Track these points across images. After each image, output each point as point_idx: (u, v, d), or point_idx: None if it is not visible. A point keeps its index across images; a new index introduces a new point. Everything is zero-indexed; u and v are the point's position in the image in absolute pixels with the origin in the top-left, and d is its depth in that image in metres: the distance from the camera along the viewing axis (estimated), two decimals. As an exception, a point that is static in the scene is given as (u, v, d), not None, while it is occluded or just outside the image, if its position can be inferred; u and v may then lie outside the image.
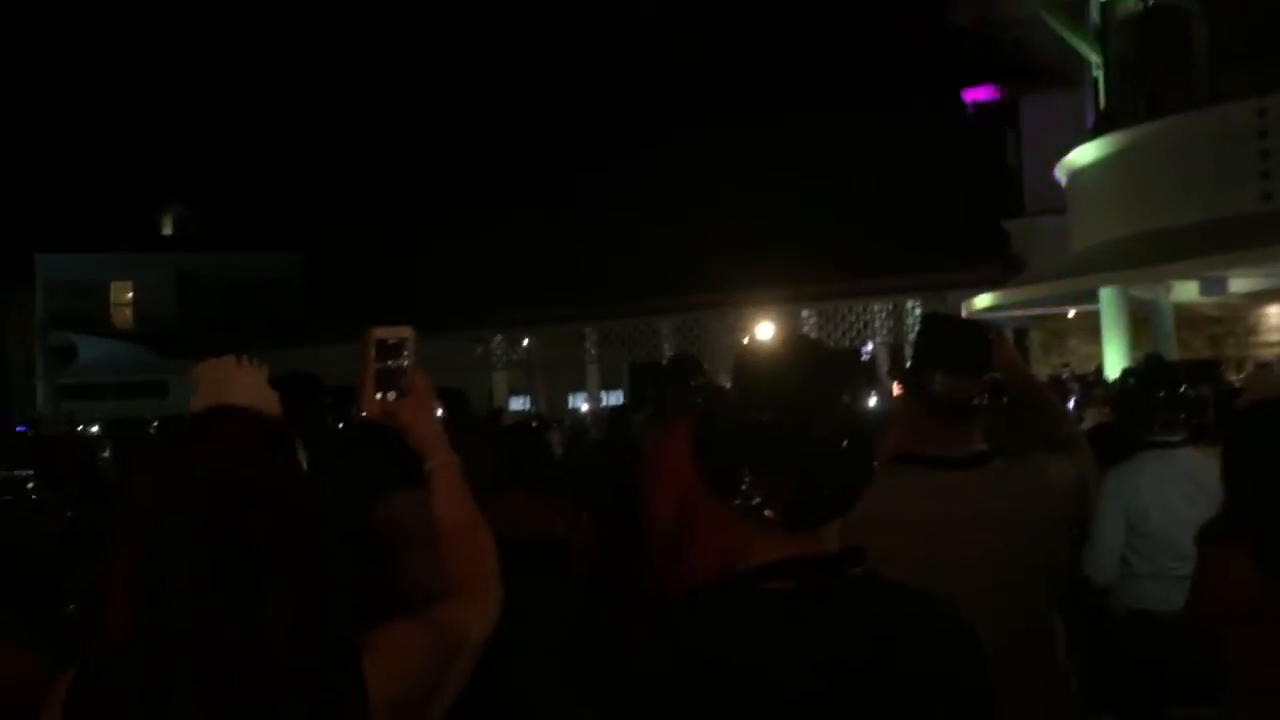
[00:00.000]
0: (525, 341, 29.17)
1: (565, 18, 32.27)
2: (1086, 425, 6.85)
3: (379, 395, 1.82)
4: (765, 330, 19.05)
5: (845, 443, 1.64)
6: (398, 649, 1.54)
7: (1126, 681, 3.92)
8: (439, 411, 1.93)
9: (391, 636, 1.55)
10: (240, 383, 1.58)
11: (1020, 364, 2.91)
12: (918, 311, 22.52)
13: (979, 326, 2.85)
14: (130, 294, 37.54)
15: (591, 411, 19.70)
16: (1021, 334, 20.95)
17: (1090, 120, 17.94)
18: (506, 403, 26.21)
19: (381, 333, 1.85)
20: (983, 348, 2.65)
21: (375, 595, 1.85)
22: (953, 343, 2.64)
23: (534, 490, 3.16)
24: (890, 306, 24.09)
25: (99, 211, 35.46)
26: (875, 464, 1.69)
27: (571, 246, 28.06)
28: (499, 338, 28.32)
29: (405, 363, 1.84)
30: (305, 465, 1.55)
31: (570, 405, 26.55)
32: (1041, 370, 19.39)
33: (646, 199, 28.37)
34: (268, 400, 1.58)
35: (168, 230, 38.70)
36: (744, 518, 1.64)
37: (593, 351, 27.09)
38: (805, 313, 24.75)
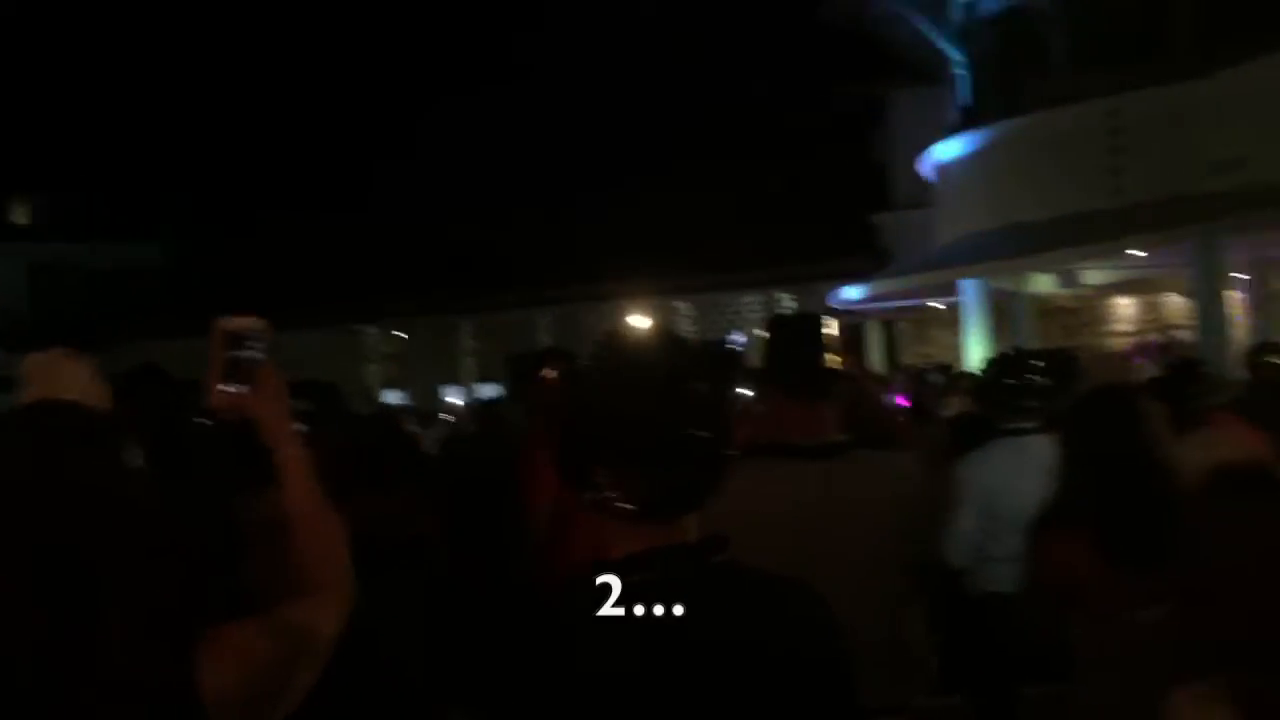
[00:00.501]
0: (401, 334, 28.72)
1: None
2: (949, 413, 7.07)
3: (226, 387, 1.77)
4: (636, 322, 19.11)
5: (700, 432, 1.64)
6: (238, 647, 1.51)
7: (980, 661, 4.04)
8: (302, 405, 1.88)
9: (233, 635, 1.52)
10: (67, 376, 1.52)
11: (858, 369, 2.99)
12: (787, 303, 22.90)
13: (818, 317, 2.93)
14: (-23, 287, 35.74)
15: (467, 405, 19.51)
16: (889, 325, 21.49)
17: (953, 117, 18.45)
18: (380, 396, 25.78)
19: (229, 324, 1.80)
20: (822, 331, 2.72)
21: (227, 595, 1.79)
22: (800, 329, 2.71)
23: (391, 486, 3.11)
24: (762, 299, 24.45)
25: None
26: (732, 453, 1.70)
27: (452, 239, 27.69)
28: (373, 330, 27.84)
29: (254, 354, 1.79)
30: (139, 461, 1.50)
31: (443, 399, 26.27)
32: (907, 359, 19.92)
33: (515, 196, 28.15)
34: (95, 394, 1.53)
35: (22, 220, 36.96)
36: (601, 510, 1.63)
37: (468, 344, 26.83)
38: (679, 305, 24.97)
